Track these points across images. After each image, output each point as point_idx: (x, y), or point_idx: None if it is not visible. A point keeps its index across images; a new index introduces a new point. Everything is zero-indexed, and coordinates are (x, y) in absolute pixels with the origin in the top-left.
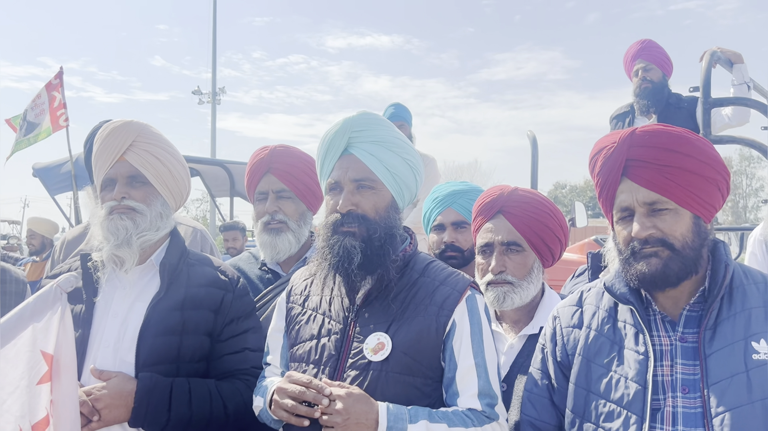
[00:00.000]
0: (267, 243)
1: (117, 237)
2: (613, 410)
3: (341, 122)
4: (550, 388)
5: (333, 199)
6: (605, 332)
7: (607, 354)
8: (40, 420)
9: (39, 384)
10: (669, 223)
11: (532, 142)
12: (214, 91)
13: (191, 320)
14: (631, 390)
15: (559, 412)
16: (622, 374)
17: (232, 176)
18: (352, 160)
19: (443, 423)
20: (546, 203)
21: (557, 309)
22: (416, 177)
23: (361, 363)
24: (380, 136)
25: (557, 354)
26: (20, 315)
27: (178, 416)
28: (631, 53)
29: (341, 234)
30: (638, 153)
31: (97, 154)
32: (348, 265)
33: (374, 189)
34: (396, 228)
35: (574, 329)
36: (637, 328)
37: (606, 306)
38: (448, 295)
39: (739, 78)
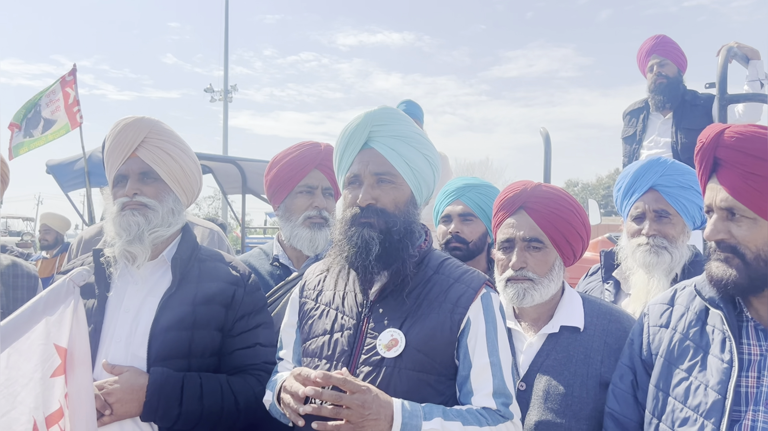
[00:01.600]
0: (305, 237)
1: (129, 233)
2: (689, 416)
3: (362, 116)
4: (634, 385)
5: (352, 192)
6: (691, 336)
7: (690, 358)
8: (53, 412)
9: (53, 377)
10: (744, 232)
11: (545, 138)
12: (226, 89)
13: (202, 315)
14: (710, 399)
15: (642, 409)
16: (703, 381)
17: (244, 173)
18: (372, 154)
19: (458, 421)
20: (569, 200)
21: (648, 306)
22: (434, 173)
23: (374, 360)
24: (401, 131)
25: (643, 352)
26: (33, 309)
27: (189, 410)
28: (645, 49)
29: (360, 225)
30: (725, 154)
31: (109, 150)
32: (366, 256)
33: (394, 183)
34: (414, 224)
35: (660, 328)
36: (725, 334)
37: (696, 308)
38: (463, 293)
39: (753, 74)
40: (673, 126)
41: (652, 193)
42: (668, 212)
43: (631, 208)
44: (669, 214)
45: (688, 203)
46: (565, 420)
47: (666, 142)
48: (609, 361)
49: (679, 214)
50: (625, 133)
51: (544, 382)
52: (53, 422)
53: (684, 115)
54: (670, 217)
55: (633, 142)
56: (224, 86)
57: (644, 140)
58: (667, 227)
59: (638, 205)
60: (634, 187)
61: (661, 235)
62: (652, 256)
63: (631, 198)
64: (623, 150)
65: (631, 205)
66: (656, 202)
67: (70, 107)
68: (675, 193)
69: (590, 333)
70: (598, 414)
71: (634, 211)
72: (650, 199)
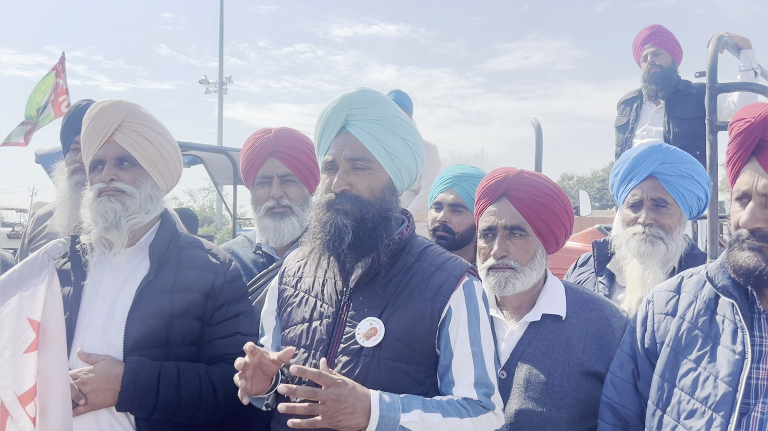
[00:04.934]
0: (270, 228)
1: (106, 220)
2: (696, 408)
3: (339, 98)
4: (635, 374)
5: (328, 178)
6: (699, 325)
7: (699, 348)
8: (27, 390)
9: (26, 353)
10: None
11: (537, 129)
12: (221, 81)
13: (181, 303)
14: (720, 391)
15: (642, 399)
16: (712, 372)
17: (235, 164)
18: (348, 138)
19: (437, 413)
20: (552, 186)
21: (653, 293)
22: (416, 159)
23: (352, 349)
24: (380, 115)
25: (646, 341)
26: (6, 283)
27: (166, 400)
28: (640, 38)
29: (334, 212)
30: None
31: (85, 134)
32: (339, 245)
33: (370, 170)
34: (391, 211)
35: (666, 316)
36: (737, 325)
37: (705, 297)
38: (445, 281)
39: (746, 64)
40: (666, 115)
41: (651, 180)
42: (666, 201)
43: (628, 195)
44: (667, 203)
45: (687, 193)
46: (546, 409)
47: (658, 131)
48: (590, 350)
49: (677, 203)
50: (619, 122)
51: (525, 371)
52: (28, 400)
53: (676, 104)
54: (668, 207)
55: (626, 131)
56: (219, 78)
57: (637, 129)
58: (664, 217)
59: (636, 192)
60: (633, 173)
61: (657, 225)
62: (647, 245)
63: (628, 184)
64: (616, 139)
65: (628, 191)
66: (654, 190)
67: (57, 96)
68: (674, 182)
69: (572, 321)
70: (579, 403)
71: (631, 198)
72: (649, 186)
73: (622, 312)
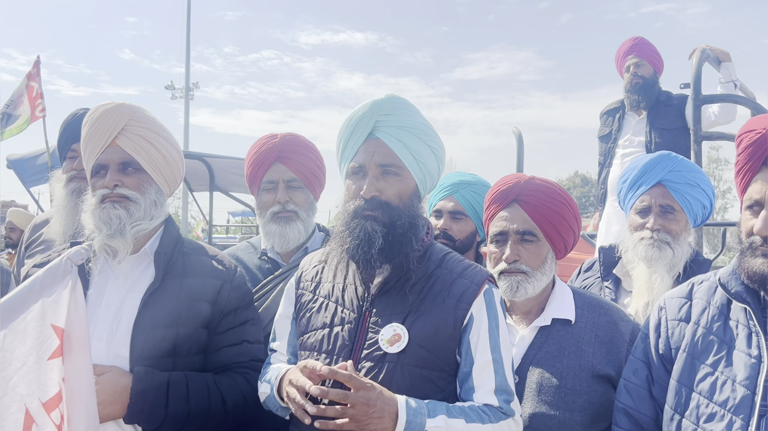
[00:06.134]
0: (276, 233)
1: (110, 227)
2: (716, 412)
3: (369, 104)
4: (649, 380)
5: (356, 183)
6: (714, 330)
7: (715, 353)
8: (52, 396)
9: (50, 359)
10: None
11: (518, 138)
12: (188, 87)
13: (188, 311)
14: (738, 394)
15: (657, 405)
16: (729, 376)
17: (211, 170)
18: (378, 144)
19: (461, 418)
20: (562, 193)
21: (664, 300)
22: (439, 166)
23: (376, 355)
24: (408, 121)
25: (660, 347)
26: (30, 289)
27: (175, 412)
28: (623, 49)
29: (363, 218)
30: None
31: (86, 138)
32: (368, 249)
33: (399, 176)
34: (418, 217)
35: (680, 323)
36: (751, 329)
37: (718, 302)
38: (467, 288)
39: (726, 76)
40: (648, 125)
41: (659, 187)
42: (674, 208)
43: (636, 201)
44: (674, 210)
45: (693, 200)
46: (559, 412)
47: (640, 141)
48: (600, 353)
49: (683, 210)
50: (601, 132)
51: (537, 375)
52: (53, 407)
53: (658, 114)
54: (675, 213)
55: (609, 141)
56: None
57: (619, 139)
58: (671, 223)
59: (644, 198)
60: (642, 179)
61: (665, 230)
62: (654, 250)
63: (637, 191)
64: (599, 149)
65: (637, 197)
66: (663, 197)
67: (33, 100)
68: (682, 190)
69: (581, 325)
70: (591, 406)
71: (639, 204)
72: (657, 193)
73: (629, 316)
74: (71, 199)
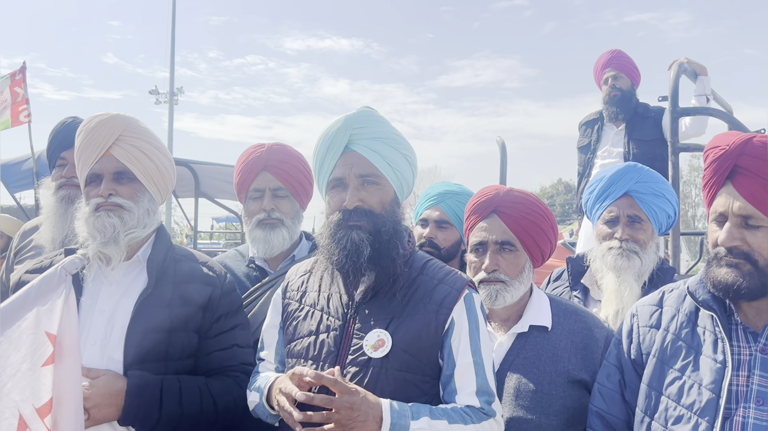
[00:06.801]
0: (261, 239)
1: (104, 235)
2: (683, 414)
3: (342, 119)
4: (621, 384)
5: (337, 195)
6: (683, 336)
7: (683, 358)
8: (45, 402)
9: (44, 366)
10: (759, 240)
11: (501, 147)
12: (172, 91)
13: (180, 317)
14: (704, 397)
15: (629, 408)
16: (696, 380)
17: (197, 176)
18: (355, 156)
19: (444, 420)
20: (539, 204)
21: (636, 307)
22: (413, 172)
23: (361, 360)
24: (381, 132)
25: (632, 352)
26: (25, 298)
27: (169, 414)
28: (601, 62)
29: (349, 228)
30: (748, 162)
31: (81, 147)
32: (357, 259)
33: (379, 184)
34: (400, 224)
35: (651, 329)
36: (717, 336)
37: (687, 310)
38: (447, 294)
39: (700, 89)
40: (626, 137)
41: (627, 198)
42: (641, 218)
43: (604, 212)
44: (641, 220)
45: (659, 210)
46: (536, 416)
47: (619, 151)
48: (575, 359)
49: (649, 220)
50: (580, 142)
51: (515, 380)
52: (46, 412)
53: (636, 126)
54: (642, 223)
55: (588, 152)
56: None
57: (598, 150)
58: (638, 232)
59: (612, 209)
60: (609, 191)
61: (633, 240)
62: (623, 260)
63: (604, 201)
64: (578, 159)
65: (604, 208)
66: (630, 208)
67: (17, 106)
68: (648, 200)
69: (557, 332)
70: (566, 410)
71: (607, 215)
72: (624, 204)
73: (604, 323)
74: (61, 206)
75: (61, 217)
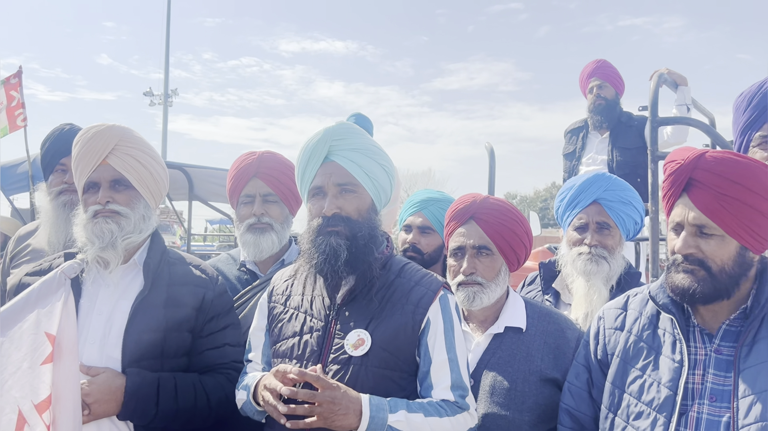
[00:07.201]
0: (250, 242)
1: (102, 240)
2: (642, 410)
3: (322, 132)
4: (589, 383)
5: (317, 203)
6: (644, 338)
7: (644, 358)
8: (43, 399)
9: (43, 364)
10: (713, 248)
11: (490, 153)
12: (167, 93)
13: (174, 317)
14: (662, 395)
15: (596, 405)
16: (656, 379)
17: (190, 179)
18: (334, 166)
19: (420, 413)
20: (514, 211)
21: (603, 311)
22: (391, 181)
23: (342, 358)
24: (359, 144)
25: (598, 353)
26: (26, 300)
27: (165, 409)
28: (587, 71)
29: (327, 234)
30: (702, 176)
31: (78, 157)
32: (335, 263)
33: (356, 193)
34: (376, 229)
35: (616, 331)
36: (676, 337)
37: (648, 313)
38: (423, 295)
39: (681, 99)
40: (610, 144)
41: (595, 205)
42: (609, 224)
43: (574, 219)
44: (609, 227)
45: (626, 217)
46: (510, 412)
47: (603, 159)
48: (548, 359)
49: (617, 226)
50: (566, 149)
51: (491, 378)
52: (44, 409)
53: (619, 134)
54: (610, 230)
55: (573, 159)
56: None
57: (583, 157)
58: (607, 238)
59: (581, 216)
60: (578, 199)
61: (601, 246)
62: (592, 265)
63: (574, 209)
64: (564, 166)
65: (574, 215)
66: (599, 215)
67: (12, 110)
68: (616, 207)
69: (531, 333)
70: (538, 407)
71: (577, 222)
72: (593, 211)
73: (576, 325)
74: (63, 211)
75: (62, 222)
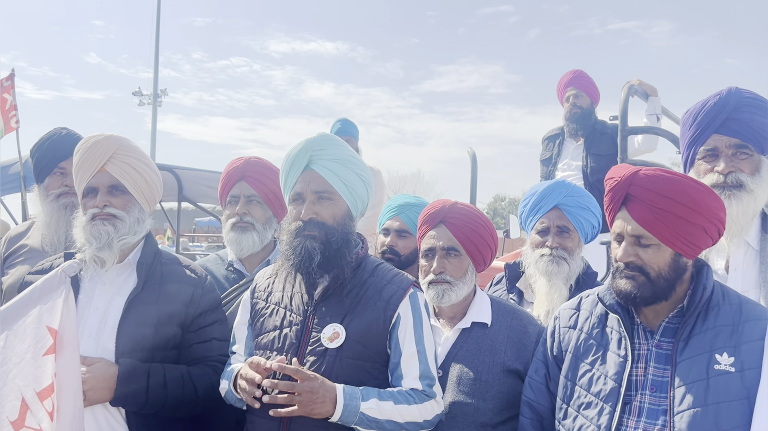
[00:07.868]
0: (233, 240)
1: (99, 241)
2: (591, 401)
3: (303, 142)
4: (546, 377)
5: (296, 208)
6: (594, 335)
7: (593, 354)
8: (45, 387)
9: (45, 355)
10: (650, 256)
11: (472, 158)
12: (156, 93)
13: (165, 313)
14: (608, 386)
15: (553, 397)
16: (603, 372)
17: (180, 181)
18: (313, 175)
19: (390, 401)
20: (480, 216)
21: (559, 311)
22: (368, 190)
23: (318, 350)
24: (338, 155)
25: (554, 349)
26: (29, 297)
27: (155, 396)
28: (564, 81)
29: (303, 237)
30: (637, 191)
31: (78, 163)
32: (309, 264)
33: (332, 200)
34: (351, 234)
35: (569, 329)
36: (621, 335)
37: (598, 313)
38: (394, 292)
39: (651, 109)
40: (584, 151)
41: (556, 210)
42: (568, 228)
43: (536, 223)
44: (569, 230)
45: (584, 221)
46: (475, 401)
47: (577, 165)
48: (511, 352)
49: (576, 230)
50: (543, 155)
51: (458, 369)
52: (45, 396)
53: (594, 142)
54: (570, 233)
55: (549, 164)
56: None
57: (559, 163)
58: (567, 241)
59: (543, 220)
60: (540, 204)
61: (562, 248)
62: (553, 266)
63: (536, 214)
64: (541, 171)
65: (537, 220)
66: (559, 219)
67: (6, 112)
68: (575, 212)
69: (496, 328)
70: (501, 395)
71: (539, 226)
72: (554, 216)
73: (537, 321)
74: (64, 213)
75: (62, 223)
